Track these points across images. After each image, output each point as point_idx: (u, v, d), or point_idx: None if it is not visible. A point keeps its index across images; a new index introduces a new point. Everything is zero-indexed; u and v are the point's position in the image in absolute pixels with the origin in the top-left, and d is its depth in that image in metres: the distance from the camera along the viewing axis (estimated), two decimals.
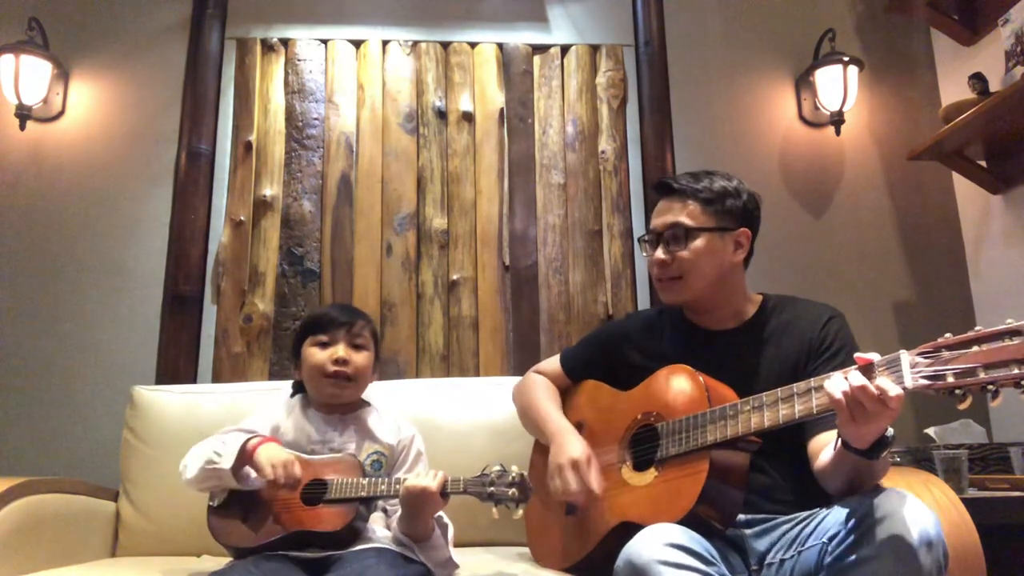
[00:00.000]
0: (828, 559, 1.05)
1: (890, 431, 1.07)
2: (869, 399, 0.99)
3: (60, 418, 2.20)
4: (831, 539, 1.06)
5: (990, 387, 0.92)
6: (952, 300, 2.47)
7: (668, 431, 1.28)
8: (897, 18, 2.63)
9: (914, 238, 2.52)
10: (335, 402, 1.54)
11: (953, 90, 2.51)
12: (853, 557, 1.01)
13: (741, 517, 1.25)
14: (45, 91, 2.33)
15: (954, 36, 2.48)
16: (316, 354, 1.52)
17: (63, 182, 2.36)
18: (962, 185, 2.49)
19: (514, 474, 1.30)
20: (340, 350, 1.51)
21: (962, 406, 0.94)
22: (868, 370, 1.03)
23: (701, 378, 1.28)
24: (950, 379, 0.95)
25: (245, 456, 1.35)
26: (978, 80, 2.19)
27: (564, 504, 1.46)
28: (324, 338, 1.53)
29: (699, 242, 1.38)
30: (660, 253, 1.41)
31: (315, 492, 1.38)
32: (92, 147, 2.39)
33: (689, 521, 1.13)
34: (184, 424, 1.86)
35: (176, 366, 2.22)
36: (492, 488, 1.29)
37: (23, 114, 2.29)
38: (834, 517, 1.09)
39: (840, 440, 1.10)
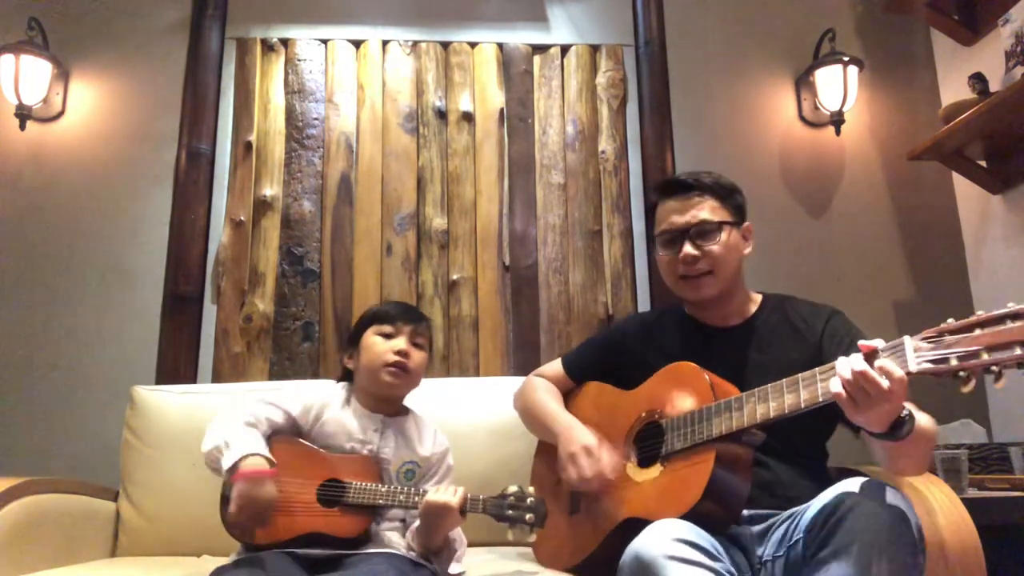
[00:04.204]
0: (810, 551, 1.06)
1: (905, 410, 1.06)
2: (870, 384, 1.00)
3: (60, 418, 2.20)
4: (808, 531, 1.07)
5: (993, 368, 0.93)
6: (952, 300, 2.47)
7: (673, 426, 1.28)
8: (897, 18, 2.63)
9: (914, 238, 2.52)
10: (388, 394, 1.53)
11: (953, 90, 2.51)
12: (830, 547, 1.01)
13: (744, 513, 1.24)
14: (45, 91, 2.33)
15: (954, 36, 2.48)
16: (379, 343, 1.52)
17: (63, 182, 2.36)
18: (962, 185, 2.49)
19: (532, 499, 1.32)
20: (403, 342, 1.52)
21: (965, 389, 0.95)
22: (871, 356, 1.03)
23: (706, 374, 1.28)
24: (953, 362, 0.96)
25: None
26: (978, 80, 2.19)
27: (568, 503, 1.46)
28: (389, 329, 1.53)
29: (726, 236, 1.41)
30: (689, 249, 1.41)
31: (332, 493, 1.37)
32: (92, 147, 2.39)
33: (695, 517, 1.13)
34: (184, 424, 1.86)
35: (176, 366, 2.22)
36: (510, 511, 1.32)
37: (23, 114, 2.29)
38: (812, 510, 1.10)
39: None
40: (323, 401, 1.53)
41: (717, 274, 1.41)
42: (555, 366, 1.66)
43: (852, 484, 1.06)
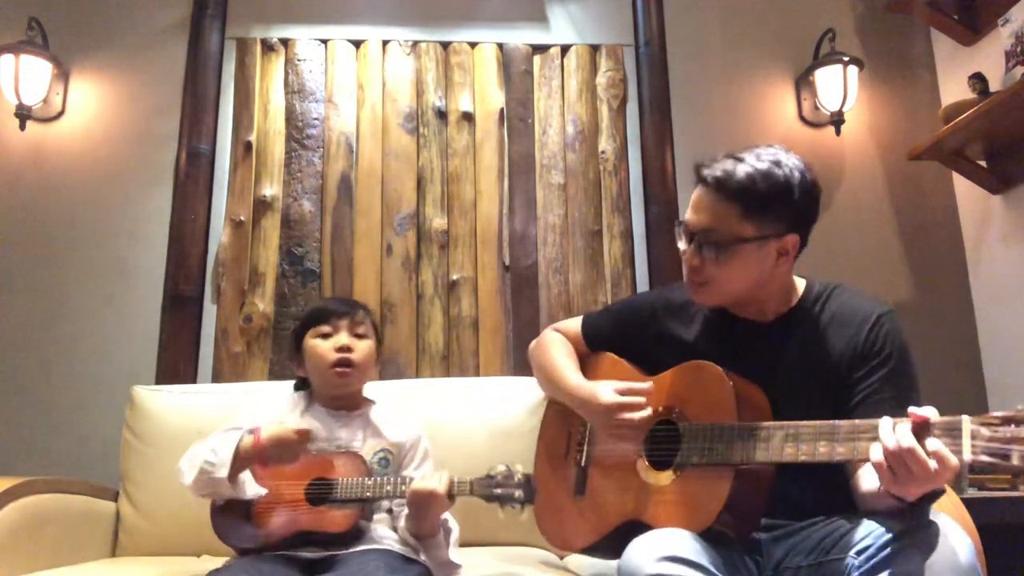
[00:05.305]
0: (855, 573, 1.01)
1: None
2: (917, 463, 0.92)
3: (60, 418, 2.20)
4: (860, 553, 1.01)
5: None
6: (952, 300, 2.47)
7: (691, 435, 1.20)
8: (897, 18, 2.63)
9: (914, 238, 2.52)
10: (341, 392, 1.53)
11: (953, 90, 2.51)
12: (884, 574, 0.97)
13: (762, 522, 1.20)
14: (45, 91, 2.32)
15: (954, 36, 2.48)
16: (319, 345, 1.50)
17: (63, 182, 2.36)
18: (962, 185, 2.49)
19: (519, 475, 1.30)
20: (343, 338, 1.50)
21: (1023, 487, 0.90)
22: (922, 430, 0.94)
23: (731, 385, 1.18)
24: (1015, 461, 0.86)
25: (242, 457, 1.32)
26: (978, 80, 2.20)
27: (575, 482, 1.42)
28: (326, 329, 1.51)
29: (733, 254, 1.20)
30: (690, 253, 1.25)
31: (320, 492, 1.37)
32: (92, 147, 2.39)
33: (706, 532, 1.09)
34: (184, 424, 1.86)
35: (176, 366, 2.21)
36: (498, 490, 1.29)
37: (23, 114, 2.29)
38: (864, 531, 1.04)
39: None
40: (281, 414, 1.51)
41: (716, 287, 1.25)
42: (575, 326, 1.54)
43: (912, 515, 1.01)
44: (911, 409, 0.97)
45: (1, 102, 2.33)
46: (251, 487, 1.35)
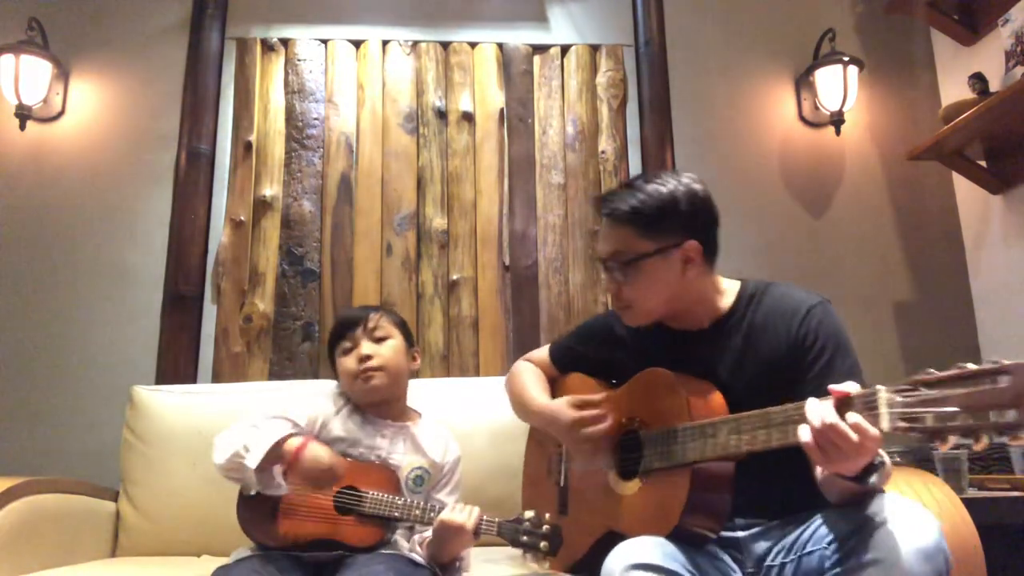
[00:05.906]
0: (828, 563, 1.04)
1: (878, 457, 1.02)
2: (841, 437, 0.95)
3: (60, 418, 2.20)
4: (830, 543, 1.05)
5: (971, 433, 0.85)
6: (952, 300, 2.47)
7: (650, 441, 1.26)
8: (897, 18, 2.63)
9: (914, 238, 2.52)
10: (378, 399, 1.53)
11: (953, 90, 2.51)
12: (853, 562, 1.00)
13: (739, 520, 1.23)
14: (45, 91, 2.32)
15: (954, 36, 2.48)
16: (345, 362, 1.52)
17: (63, 182, 2.36)
18: (962, 185, 2.49)
19: (547, 525, 1.30)
20: (363, 348, 1.51)
21: (943, 448, 0.91)
22: (844, 405, 0.97)
23: (681, 387, 1.24)
24: (929, 423, 0.88)
25: (278, 456, 1.32)
26: (978, 80, 2.20)
27: (558, 502, 1.46)
28: (347, 344, 1.53)
29: (639, 271, 1.29)
30: (607, 280, 1.36)
31: (349, 501, 1.37)
32: (92, 147, 2.39)
33: (677, 533, 1.12)
34: (184, 424, 1.87)
35: (176, 366, 2.22)
36: (525, 537, 1.30)
37: (23, 114, 2.29)
38: (834, 522, 1.07)
39: None
40: (329, 410, 1.52)
41: (637, 308, 1.32)
42: (543, 353, 1.63)
43: (880, 501, 1.04)
44: (831, 387, 1.00)
45: (1, 102, 2.33)
46: (277, 484, 1.34)
